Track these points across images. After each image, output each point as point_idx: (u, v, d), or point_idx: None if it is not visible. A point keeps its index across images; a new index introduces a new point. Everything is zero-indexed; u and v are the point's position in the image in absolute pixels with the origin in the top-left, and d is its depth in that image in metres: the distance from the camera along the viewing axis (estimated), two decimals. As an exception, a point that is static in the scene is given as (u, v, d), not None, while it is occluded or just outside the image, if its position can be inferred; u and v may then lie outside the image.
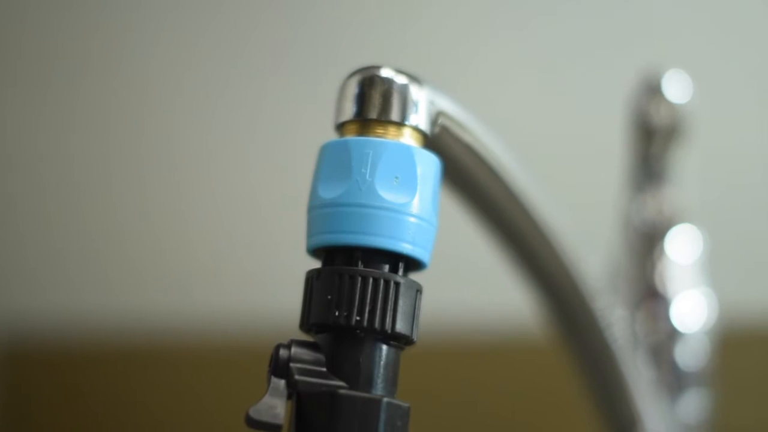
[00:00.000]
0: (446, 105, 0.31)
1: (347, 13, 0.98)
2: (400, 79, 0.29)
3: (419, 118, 0.29)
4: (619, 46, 0.89)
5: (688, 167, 0.59)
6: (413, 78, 0.29)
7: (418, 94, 0.29)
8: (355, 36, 0.97)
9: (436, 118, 0.30)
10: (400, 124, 0.29)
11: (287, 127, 0.95)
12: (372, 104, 0.28)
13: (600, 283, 0.49)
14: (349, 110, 0.29)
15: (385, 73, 0.29)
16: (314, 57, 0.94)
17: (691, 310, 0.58)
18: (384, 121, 0.29)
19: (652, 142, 0.57)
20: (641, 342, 0.57)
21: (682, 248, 0.59)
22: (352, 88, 0.29)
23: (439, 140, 0.31)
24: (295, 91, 0.95)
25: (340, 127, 0.29)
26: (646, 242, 0.59)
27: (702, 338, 0.58)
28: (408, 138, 0.29)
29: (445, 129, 0.31)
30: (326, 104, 0.32)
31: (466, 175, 0.35)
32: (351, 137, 0.29)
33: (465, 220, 0.45)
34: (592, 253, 0.49)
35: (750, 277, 0.81)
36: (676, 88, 0.57)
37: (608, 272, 0.60)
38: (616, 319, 0.51)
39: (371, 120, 0.29)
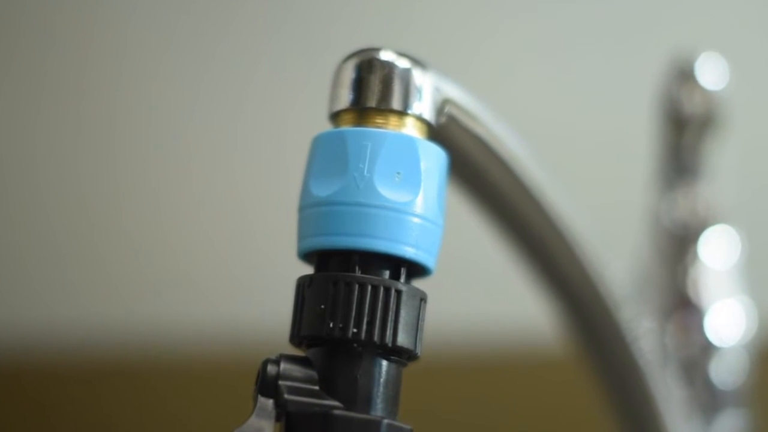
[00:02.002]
0: (453, 92, 0.31)
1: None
2: (402, 63, 0.29)
3: (423, 106, 0.29)
4: (646, 27, 0.90)
5: (724, 161, 0.60)
6: (417, 62, 0.29)
7: (422, 80, 0.29)
8: (353, 16, 0.97)
9: (442, 106, 0.30)
10: (402, 113, 0.29)
11: (276, 117, 0.96)
12: (371, 91, 0.29)
13: (625, 291, 0.50)
14: (345, 98, 0.29)
15: (386, 56, 0.29)
16: (307, 38, 0.95)
17: (728, 322, 0.59)
18: (384, 109, 0.29)
19: (684, 133, 0.58)
20: (672, 357, 0.58)
21: (717, 252, 0.60)
22: (349, 73, 0.29)
23: (445, 131, 0.31)
24: (285, 77, 0.95)
25: (335, 117, 0.30)
26: (678, 245, 0.60)
27: (739, 352, 0.59)
28: (411, 128, 0.29)
29: (452, 119, 0.31)
30: (320, 91, 0.32)
31: (476, 170, 0.35)
32: (347, 128, 0.29)
33: (474, 220, 0.45)
34: (616, 257, 0.49)
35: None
36: (711, 73, 0.57)
37: (635, 279, 0.60)
38: (643, 331, 0.51)
39: (370, 108, 0.29)
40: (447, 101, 0.30)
